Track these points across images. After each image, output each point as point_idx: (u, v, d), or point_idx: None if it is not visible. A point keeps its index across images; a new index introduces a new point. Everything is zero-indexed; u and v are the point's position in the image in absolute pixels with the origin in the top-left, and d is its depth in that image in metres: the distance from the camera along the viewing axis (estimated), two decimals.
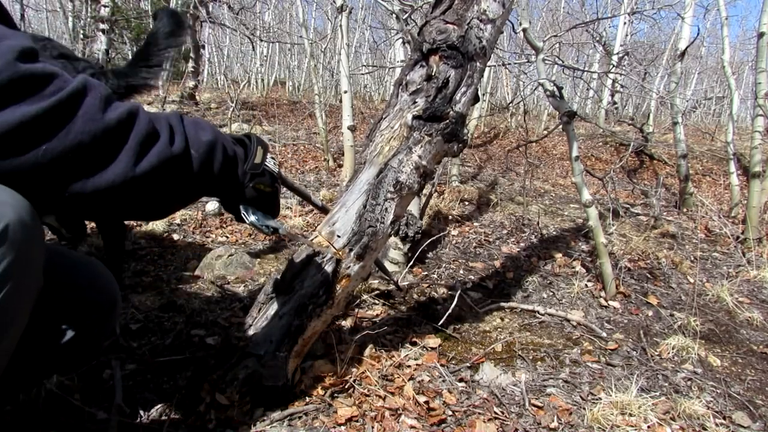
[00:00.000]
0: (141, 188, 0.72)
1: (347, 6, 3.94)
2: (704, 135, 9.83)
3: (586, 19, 8.33)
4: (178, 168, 0.77)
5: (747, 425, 1.44)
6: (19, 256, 0.68)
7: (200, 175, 0.83)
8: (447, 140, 1.34)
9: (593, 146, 8.26)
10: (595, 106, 12.04)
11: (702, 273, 2.81)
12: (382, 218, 1.28)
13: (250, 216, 1.00)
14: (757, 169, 3.59)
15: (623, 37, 10.17)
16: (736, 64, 16.45)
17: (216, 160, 0.86)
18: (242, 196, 0.98)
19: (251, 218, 1.00)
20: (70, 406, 1.12)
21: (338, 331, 1.65)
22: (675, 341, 1.88)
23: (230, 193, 0.96)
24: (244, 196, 0.98)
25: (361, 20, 15.77)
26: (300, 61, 16.81)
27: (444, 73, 1.30)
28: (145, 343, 1.48)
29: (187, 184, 0.82)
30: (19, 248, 0.68)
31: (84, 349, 1.01)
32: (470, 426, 1.27)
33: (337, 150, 5.72)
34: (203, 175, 0.83)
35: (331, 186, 4.32)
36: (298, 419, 1.20)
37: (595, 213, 2.38)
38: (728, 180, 4.80)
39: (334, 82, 12.95)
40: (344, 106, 3.95)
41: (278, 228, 1.04)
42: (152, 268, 2.19)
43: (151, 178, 0.72)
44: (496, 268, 2.69)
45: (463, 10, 1.31)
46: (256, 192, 0.98)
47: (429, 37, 1.31)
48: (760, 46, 3.64)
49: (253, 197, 0.98)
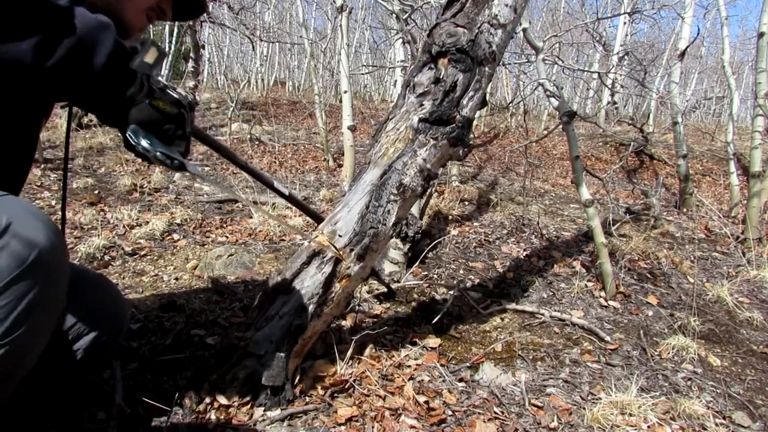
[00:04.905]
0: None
1: (347, 6, 3.94)
2: (704, 135, 9.83)
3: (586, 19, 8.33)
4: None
5: (747, 425, 1.44)
6: (49, 283, 0.72)
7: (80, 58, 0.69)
8: (452, 144, 1.33)
9: (593, 146, 8.26)
10: (595, 106, 12.03)
11: (702, 273, 2.81)
12: (384, 220, 1.28)
13: (141, 140, 0.80)
14: (757, 169, 3.59)
15: (623, 37, 10.17)
16: (736, 64, 16.46)
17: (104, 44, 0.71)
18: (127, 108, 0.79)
19: (143, 143, 0.80)
20: (70, 406, 1.12)
21: (338, 331, 1.65)
22: (675, 341, 1.88)
23: (115, 102, 0.78)
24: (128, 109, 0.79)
25: (361, 20, 15.78)
26: (300, 61, 16.82)
27: (452, 76, 1.29)
28: (145, 343, 1.48)
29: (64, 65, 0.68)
30: (50, 275, 0.71)
31: (90, 363, 1.02)
32: (470, 426, 1.27)
33: (337, 150, 5.73)
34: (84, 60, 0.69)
35: (331, 186, 4.32)
36: (298, 419, 1.20)
37: (595, 213, 2.38)
38: (728, 180, 4.80)
39: (334, 82, 12.96)
40: (344, 106, 3.95)
41: (184, 163, 0.85)
42: (152, 268, 2.19)
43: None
44: (496, 268, 2.69)
45: (474, 13, 1.30)
46: (156, 110, 0.81)
47: (438, 39, 1.30)
48: (760, 46, 3.64)
49: (150, 118, 0.81)
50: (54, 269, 0.72)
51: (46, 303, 0.72)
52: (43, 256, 0.69)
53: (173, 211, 2.98)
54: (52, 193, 3.09)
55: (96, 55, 0.70)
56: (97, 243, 2.28)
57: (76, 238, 2.42)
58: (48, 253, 0.69)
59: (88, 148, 4.66)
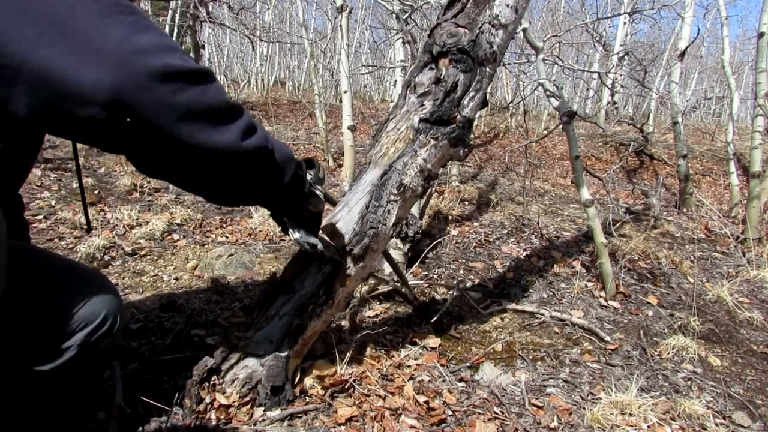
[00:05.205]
0: (237, 162, 0.84)
1: (347, 6, 3.94)
2: (704, 135, 9.83)
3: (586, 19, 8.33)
4: (265, 161, 0.89)
5: (747, 425, 1.44)
6: None
7: (273, 178, 0.93)
8: (453, 144, 1.33)
9: (593, 146, 8.26)
10: (595, 106, 12.04)
11: (702, 273, 2.81)
12: (384, 220, 1.28)
13: (296, 233, 1.07)
14: (757, 169, 3.60)
15: (623, 37, 10.18)
16: (736, 64, 16.47)
17: (289, 171, 0.97)
18: (297, 213, 1.06)
19: (296, 235, 1.07)
20: (70, 406, 1.12)
21: (338, 331, 1.65)
22: (675, 341, 1.88)
23: (287, 207, 1.04)
24: (298, 214, 1.06)
25: (361, 20, 15.78)
26: (300, 61, 16.82)
27: (453, 76, 1.29)
28: (145, 343, 1.48)
29: (265, 179, 0.92)
30: None
31: (86, 360, 1.01)
32: (470, 426, 1.27)
33: (337, 150, 5.73)
34: (275, 179, 0.94)
35: (331, 186, 4.33)
36: (298, 419, 1.20)
37: (595, 213, 2.38)
38: (728, 180, 4.81)
39: (334, 82, 12.96)
40: (344, 106, 3.95)
41: (317, 245, 1.10)
42: (152, 268, 2.19)
43: (247, 158, 0.84)
44: (496, 268, 2.69)
45: (476, 14, 1.30)
46: (306, 211, 1.06)
47: (439, 39, 1.30)
48: (760, 46, 3.64)
49: (303, 216, 1.06)
50: None
51: None
52: None
53: (173, 211, 2.98)
54: (52, 193, 3.08)
55: (285, 176, 0.96)
56: (97, 243, 2.28)
57: (76, 238, 2.42)
58: None
59: (88, 148, 4.66)
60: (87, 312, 0.97)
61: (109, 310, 1.01)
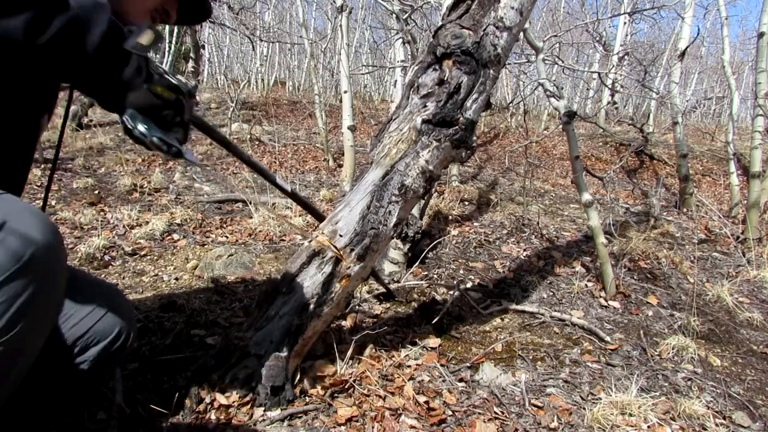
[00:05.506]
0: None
1: (347, 6, 3.94)
2: (704, 135, 9.83)
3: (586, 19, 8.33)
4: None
5: (747, 425, 1.44)
6: (46, 282, 0.70)
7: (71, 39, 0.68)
8: (455, 146, 1.33)
9: (593, 146, 8.26)
10: (595, 106, 12.03)
11: (702, 273, 2.81)
12: (385, 221, 1.28)
13: (138, 125, 0.80)
14: (757, 169, 3.59)
15: (623, 37, 10.17)
16: (736, 64, 16.46)
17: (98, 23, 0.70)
18: (123, 91, 0.78)
19: (140, 128, 0.80)
20: (70, 406, 1.12)
21: (338, 331, 1.65)
22: (675, 341, 1.87)
23: (112, 85, 0.77)
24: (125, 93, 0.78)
25: (361, 20, 15.78)
26: (300, 61, 16.83)
27: (456, 78, 1.29)
28: (145, 343, 1.48)
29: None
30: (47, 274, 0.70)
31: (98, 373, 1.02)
32: (470, 426, 1.27)
33: (337, 150, 5.73)
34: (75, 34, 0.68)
35: (331, 186, 4.33)
36: (298, 419, 1.20)
37: (595, 213, 2.38)
38: (728, 180, 4.80)
39: (334, 82, 12.96)
40: (344, 106, 3.95)
41: (181, 150, 0.84)
42: (152, 268, 2.19)
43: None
44: (496, 268, 2.69)
45: (480, 15, 1.30)
46: (154, 95, 0.80)
47: (444, 41, 1.29)
48: (760, 46, 3.64)
49: (148, 103, 0.80)
50: (51, 268, 0.70)
51: (43, 303, 0.71)
52: (40, 254, 0.67)
53: (173, 211, 2.98)
54: (51, 193, 3.09)
55: (90, 34, 0.70)
56: (97, 243, 2.28)
57: (76, 238, 2.42)
58: (45, 251, 0.68)
59: (88, 148, 4.67)
60: (102, 327, 0.98)
61: (122, 326, 1.01)
